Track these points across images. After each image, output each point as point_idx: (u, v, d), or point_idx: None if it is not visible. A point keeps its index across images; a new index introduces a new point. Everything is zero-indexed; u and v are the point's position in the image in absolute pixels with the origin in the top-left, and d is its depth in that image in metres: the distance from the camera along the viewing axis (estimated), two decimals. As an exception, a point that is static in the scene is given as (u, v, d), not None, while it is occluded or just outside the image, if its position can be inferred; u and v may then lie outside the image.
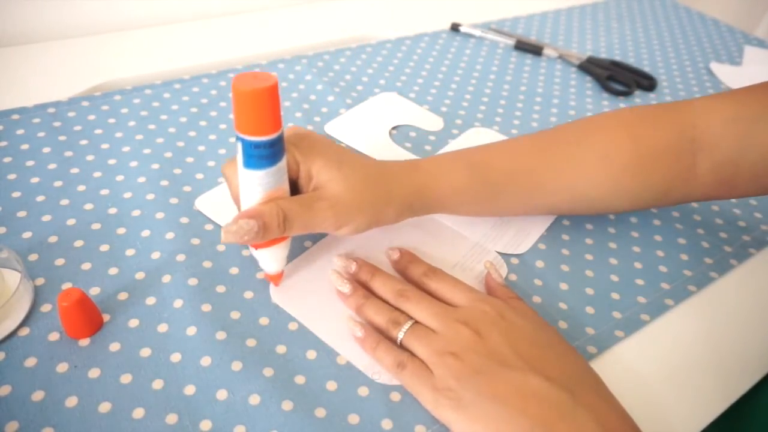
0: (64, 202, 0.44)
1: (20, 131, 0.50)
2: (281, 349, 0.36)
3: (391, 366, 0.35)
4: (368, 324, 0.37)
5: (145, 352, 0.35)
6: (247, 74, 0.31)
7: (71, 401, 0.32)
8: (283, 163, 0.34)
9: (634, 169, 0.42)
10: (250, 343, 0.36)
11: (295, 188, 0.37)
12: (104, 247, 0.41)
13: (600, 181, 0.43)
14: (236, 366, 0.35)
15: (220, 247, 0.42)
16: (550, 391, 0.31)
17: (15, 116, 0.51)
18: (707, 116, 0.42)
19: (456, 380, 0.33)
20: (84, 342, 0.35)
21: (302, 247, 0.43)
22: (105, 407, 0.32)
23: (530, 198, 0.43)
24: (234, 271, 0.41)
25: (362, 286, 0.40)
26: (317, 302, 0.39)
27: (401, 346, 0.36)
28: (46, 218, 0.42)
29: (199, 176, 0.48)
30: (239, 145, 0.32)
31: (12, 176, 0.46)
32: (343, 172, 0.36)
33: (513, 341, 0.34)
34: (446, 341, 0.34)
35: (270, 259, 0.37)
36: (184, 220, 0.44)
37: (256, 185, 0.34)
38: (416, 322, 0.36)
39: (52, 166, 0.47)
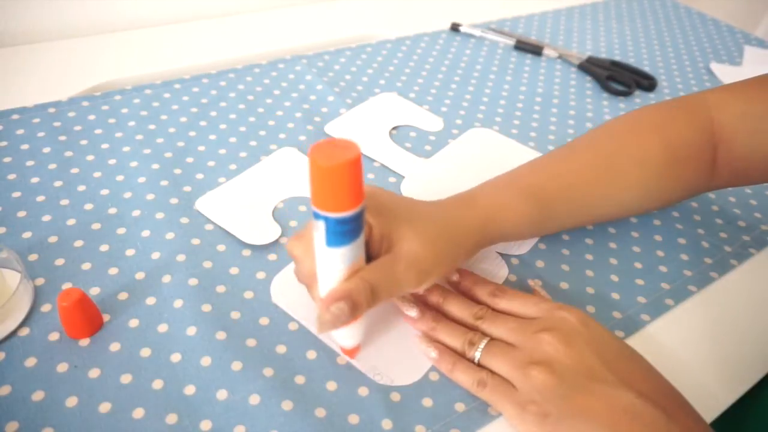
0: (64, 202, 0.44)
1: (20, 131, 0.50)
2: (281, 349, 0.36)
3: (471, 385, 0.34)
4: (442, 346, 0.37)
5: (145, 352, 0.35)
6: (322, 144, 0.27)
7: (71, 401, 0.32)
8: (364, 233, 0.32)
9: (667, 171, 0.43)
10: (250, 343, 0.36)
11: (366, 250, 0.34)
12: (104, 247, 0.41)
13: (638, 187, 0.43)
14: (236, 366, 0.35)
15: (220, 247, 0.42)
16: (643, 408, 0.30)
17: (15, 116, 0.52)
18: (721, 111, 0.43)
19: (540, 393, 0.32)
20: (84, 342, 0.35)
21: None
22: (105, 407, 0.32)
23: (579, 215, 0.43)
24: (234, 271, 0.41)
25: (431, 308, 0.39)
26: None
27: (479, 366, 0.35)
28: (46, 218, 0.42)
29: (199, 176, 0.48)
30: (321, 224, 0.29)
31: (12, 176, 0.46)
32: (415, 228, 0.34)
33: (599, 352, 0.33)
34: (527, 353, 0.33)
35: (349, 334, 0.34)
36: (184, 220, 0.44)
37: (339, 263, 0.31)
38: (492, 339, 0.36)
39: (52, 166, 0.47)
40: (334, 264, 0.31)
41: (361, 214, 0.30)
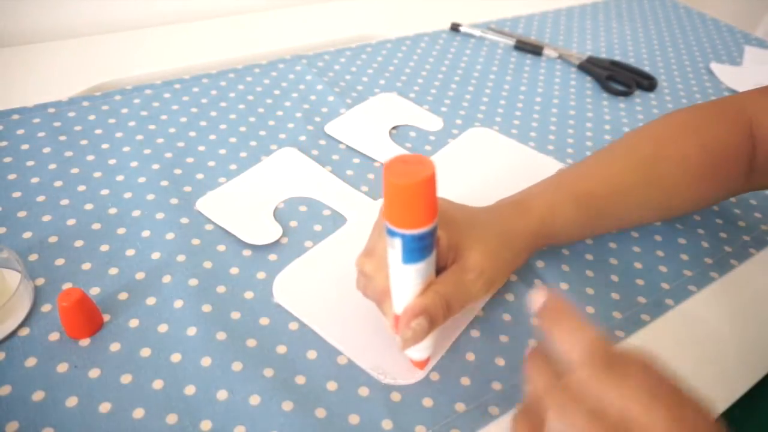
0: (64, 202, 0.44)
1: (20, 131, 0.50)
2: (281, 349, 0.36)
3: None
4: None
5: (145, 352, 0.35)
6: (394, 162, 0.27)
7: (71, 401, 0.32)
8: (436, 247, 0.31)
9: (708, 174, 0.43)
10: (251, 343, 0.36)
11: None
12: (104, 247, 0.41)
13: (680, 191, 0.44)
14: (236, 366, 0.35)
15: (220, 247, 0.42)
16: None
17: (15, 116, 0.51)
18: (758, 113, 0.43)
19: None
20: (84, 342, 0.35)
21: (302, 247, 0.43)
22: (105, 407, 0.32)
23: (624, 218, 0.44)
24: (234, 271, 0.41)
25: None
26: (319, 302, 0.39)
27: None
28: (46, 218, 0.42)
29: (200, 176, 0.48)
30: (397, 242, 0.29)
31: (12, 176, 0.46)
32: (478, 236, 0.35)
33: None
34: None
35: (422, 347, 0.34)
36: (185, 220, 0.44)
37: (414, 279, 0.31)
38: None
39: (52, 166, 0.47)
40: (409, 280, 0.31)
41: (435, 229, 0.30)
